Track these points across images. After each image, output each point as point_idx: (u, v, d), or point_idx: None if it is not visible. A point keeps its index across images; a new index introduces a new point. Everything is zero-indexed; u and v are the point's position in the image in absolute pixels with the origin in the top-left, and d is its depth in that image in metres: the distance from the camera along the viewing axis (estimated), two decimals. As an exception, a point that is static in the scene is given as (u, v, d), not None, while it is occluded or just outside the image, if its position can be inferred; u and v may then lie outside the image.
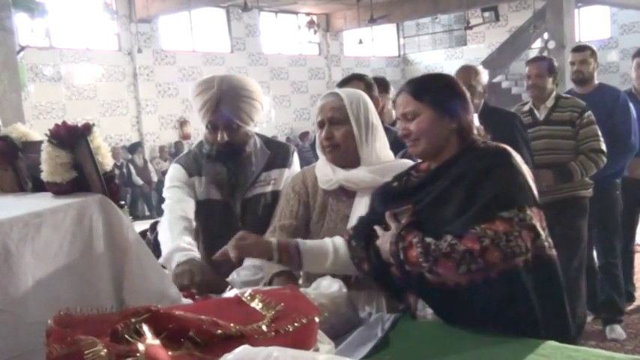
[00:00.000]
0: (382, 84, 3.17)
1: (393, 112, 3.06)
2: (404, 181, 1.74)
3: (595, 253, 3.99)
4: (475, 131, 1.68)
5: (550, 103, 3.55)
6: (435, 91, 1.66)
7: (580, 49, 4.04)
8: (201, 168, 2.31)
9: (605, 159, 3.46)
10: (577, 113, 3.48)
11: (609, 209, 3.83)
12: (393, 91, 3.19)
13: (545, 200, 3.22)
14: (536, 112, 3.58)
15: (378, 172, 1.89)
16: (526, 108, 3.65)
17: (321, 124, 1.96)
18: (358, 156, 1.94)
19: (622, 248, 3.98)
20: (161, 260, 2.03)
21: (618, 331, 3.77)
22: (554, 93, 3.60)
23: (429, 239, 1.48)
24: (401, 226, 1.55)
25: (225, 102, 2.18)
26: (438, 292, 1.53)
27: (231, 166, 2.26)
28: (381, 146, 1.97)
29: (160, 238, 2.20)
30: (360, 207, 1.89)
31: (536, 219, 1.50)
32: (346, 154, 1.93)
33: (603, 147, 3.46)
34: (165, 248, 2.12)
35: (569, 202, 3.51)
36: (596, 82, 3.94)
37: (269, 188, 2.31)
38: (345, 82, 2.73)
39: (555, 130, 3.50)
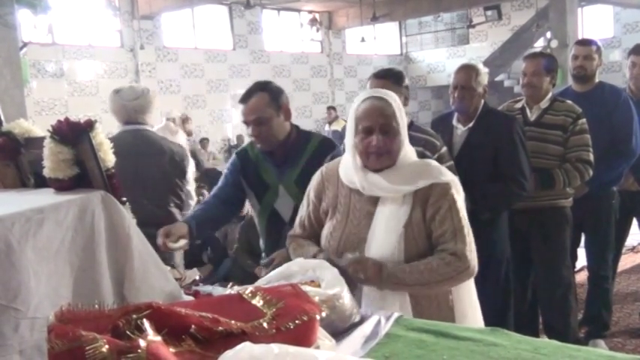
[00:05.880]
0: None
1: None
2: None
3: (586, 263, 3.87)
4: None
5: (545, 104, 3.31)
6: None
7: (585, 42, 3.71)
8: None
9: (591, 172, 3.23)
10: (571, 119, 3.24)
11: (604, 220, 3.62)
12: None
13: (520, 207, 3.18)
14: (528, 111, 3.35)
15: (401, 179, 1.81)
16: (518, 105, 3.41)
17: (367, 131, 1.80)
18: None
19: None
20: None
21: (602, 346, 3.55)
22: (550, 94, 3.34)
23: None
24: None
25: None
26: None
27: None
28: (409, 146, 1.89)
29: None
30: (384, 210, 1.83)
31: None
32: (392, 159, 1.83)
33: (591, 158, 3.23)
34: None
35: (548, 212, 3.29)
36: (597, 80, 3.65)
37: None
38: (380, 76, 2.57)
39: (545, 134, 3.26)
